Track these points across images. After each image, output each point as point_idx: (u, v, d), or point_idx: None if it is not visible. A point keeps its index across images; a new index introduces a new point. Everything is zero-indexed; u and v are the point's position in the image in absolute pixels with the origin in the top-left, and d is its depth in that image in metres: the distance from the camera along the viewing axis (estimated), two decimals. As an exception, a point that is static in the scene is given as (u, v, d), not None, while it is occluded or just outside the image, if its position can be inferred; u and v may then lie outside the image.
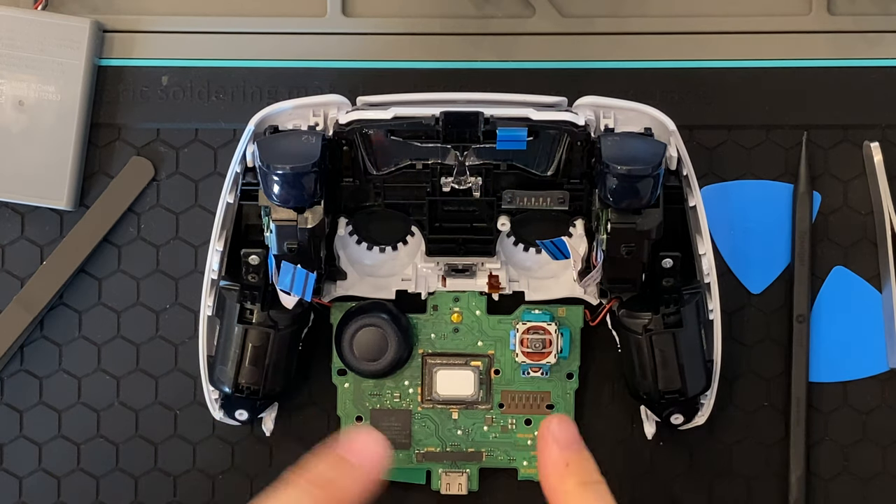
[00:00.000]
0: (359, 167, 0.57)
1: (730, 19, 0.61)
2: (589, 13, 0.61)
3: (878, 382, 0.61)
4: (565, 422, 0.54)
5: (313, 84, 0.61)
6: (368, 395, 0.60)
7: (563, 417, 0.55)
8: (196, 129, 0.61)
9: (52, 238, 0.61)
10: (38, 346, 0.61)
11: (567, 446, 0.53)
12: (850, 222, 0.61)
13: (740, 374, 0.61)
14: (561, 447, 0.53)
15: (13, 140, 0.59)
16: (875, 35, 0.61)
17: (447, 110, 0.53)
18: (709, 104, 0.61)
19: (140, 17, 0.61)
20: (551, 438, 0.53)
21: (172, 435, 0.61)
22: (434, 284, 0.59)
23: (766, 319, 0.61)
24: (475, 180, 0.56)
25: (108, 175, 0.61)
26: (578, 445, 0.54)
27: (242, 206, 0.58)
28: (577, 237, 0.59)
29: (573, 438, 0.54)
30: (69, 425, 0.61)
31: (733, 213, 0.60)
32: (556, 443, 0.53)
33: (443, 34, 0.61)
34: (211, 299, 0.57)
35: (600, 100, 0.56)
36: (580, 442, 0.54)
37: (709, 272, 0.57)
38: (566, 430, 0.54)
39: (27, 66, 0.59)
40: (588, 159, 0.56)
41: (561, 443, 0.53)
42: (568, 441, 0.54)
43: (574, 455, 0.53)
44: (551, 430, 0.53)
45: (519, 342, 0.58)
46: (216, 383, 0.58)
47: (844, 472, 0.61)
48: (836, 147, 0.61)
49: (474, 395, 0.60)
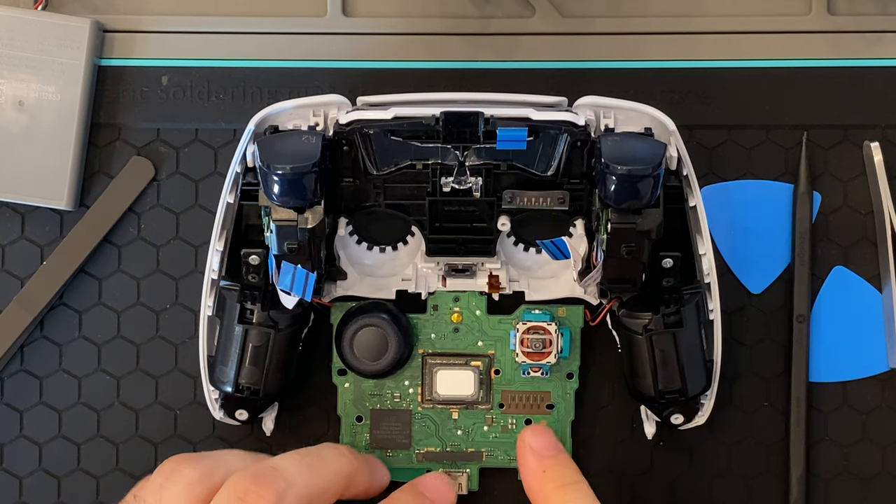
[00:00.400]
0: (359, 167, 0.57)
1: (729, 19, 0.61)
2: (589, 13, 0.61)
3: (878, 382, 0.61)
4: (539, 431, 0.57)
5: (313, 84, 0.61)
6: (368, 395, 0.60)
7: (537, 427, 0.57)
8: (196, 129, 0.61)
9: (52, 238, 0.61)
10: (38, 346, 0.61)
11: (543, 454, 0.55)
12: (850, 222, 0.61)
13: (740, 374, 0.61)
14: (537, 456, 0.56)
15: (13, 140, 0.59)
16: (875, 35, 0.61)
17: (447, 110, 0.53)
18: (709, 104, 0.61)
19: (140, 17, 0.61)
20: (527, 449, 0.56)
21: (172, 435, 0.61)
22: (434, 284, 0.59)
23: (766, 319, 0.61)
24: (475, 180, 0.56)
25: (108, 175, 0.61)
26: (554, 451, 0.56)
27: (242, 206, 0.58)
28: (577, 237, 0.59)
29: (548, 445, 0.56)
30: (69, 425, 0.61)
31: (733, 213, 0.60)
32: (532, 452, 0.56)
33: (443, 34, 0.61)
34: (211, 299, 0.57)
35: (600, 100, 0.56)
36: (557, 447, 0.56)
37: (709, 272, 0.57)
38: (541, 438, 0.56)
39: (27, 66, 0.59)
40: (588, 159, 0.56)
41: (537, 451, 0.56)
42: (544, 448, 0.56)
43: (550, 461, 0.56)
44: (526, 441, 0.56)
45: (519, 342, 0.58)
46: (216, 383, 0.58)
47: (844, 472, 0.61)
48: (836, 147, 0.61)
49: (474, 395, 0.60)
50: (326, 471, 0.54)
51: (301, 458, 0.54)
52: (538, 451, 0.56)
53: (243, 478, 0.51)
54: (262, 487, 0.51)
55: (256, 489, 0.51)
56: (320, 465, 0.54)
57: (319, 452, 0.55)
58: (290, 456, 0.54)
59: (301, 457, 0.54)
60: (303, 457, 0.54)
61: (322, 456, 0.55)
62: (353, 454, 0.56)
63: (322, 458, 0.54)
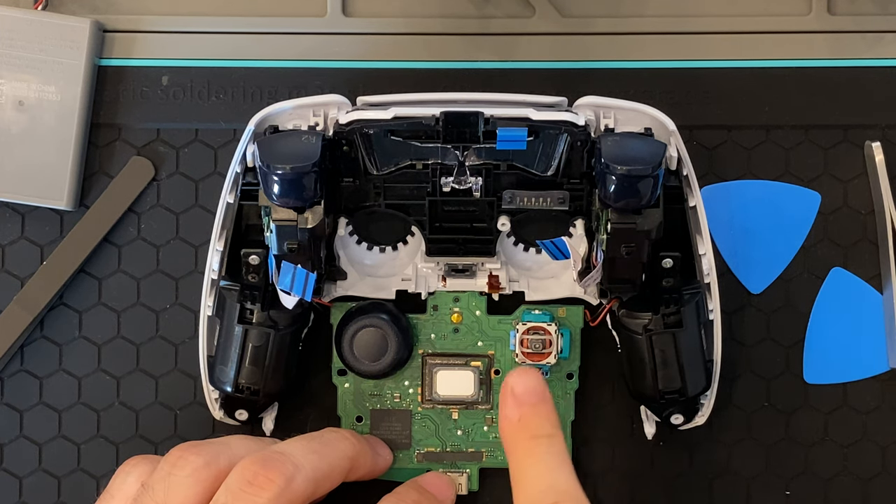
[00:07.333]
0: (359, 167, 0.57)
1: (730, 19, 0.61)
2: (589, 13, 0.61)
3: (878, 382, 0.61)
4: (525, 375, 0.54)
5: (313, 84, 0.61)
6: (368, 395, 0.60)
7: (525, 371, 0.54)
8: (196, 129, 0.61)
9: (52, 238, 0.61)
10: (38, 346, 0.61)
11: (523, 401, 0.53)
12: (850, 222, 0.61)
13: (740, 374, 0.61)
14: (517, 402, 0.53)
15: (13, 140, 0.59)
16: (875, 35, 0.61)
17: (447, 110, 0.53)
18: (709, 104, 0.61)
19: (140, 17, 0.61)
20: (508, 393, 0.54)
21: (172, 435, 0.61)
22: (434, 284, 0.59)
23: (766, 319, 0.61)
24: (475, 180, 0.56)
25: (108, 175, 0.61)
26: (537, 398, 0.54)
27: (242, 206, 0.58)
28: (577, 237, 0.59)
29: (531, 391, 0.54)
30: (69, 425, 0.61)
31: (733, 213, 0.60)
32: (513, 397, 0.54)
33: (443, 34, 0.61)
34: (211, 299, 0.57)
35: (600, 100, 0.56)
36: (540, 394, 0.54)
37: (709, 272, 0.57)
38: (524, 384, 0.54)
39: (27, 66, 0.59)
40: (588, 159, 0.56)
41: (518, 397, 0.54)
42: (525, 394, 0.54)
43: (528, 409, 0.53)
44: (510, 385, 0.54)
45: (519, 342, 0.58)
46: (216, 383, 0.58)
47: (844, 472, 0.61)
48: (836, 147, 0.61)
49: (474, 395, 0.60)
50: (331, 454, 0.55)
51: (307, 442, 0.54)
52: (519, 396, 0.54)
53: (252, 462, 0.52)
54: (270, 471, 0.52)
55: (265, 473, 0.52)
56: (325, 449, 0.55)
57: (324, 437, 0.56)
58: (296, 441, 0.55)
59: (307, 441, 0.55)
60: (308, 441, 0.55)
61: (327, 440, 0.55)
62: (356, 437, 0.57)
63: (327, 443, 0.55)
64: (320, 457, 0.54)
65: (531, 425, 0.53)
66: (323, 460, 0.54)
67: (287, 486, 0.52)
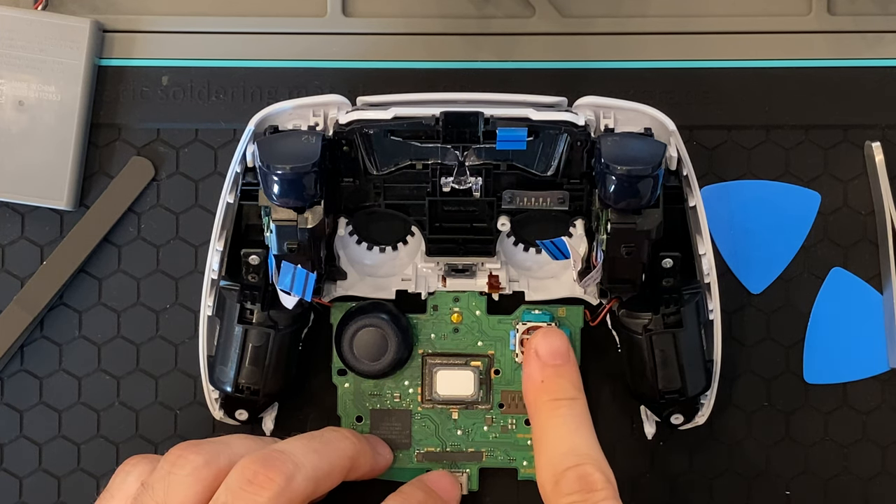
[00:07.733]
0: (359, 167, 0.57)
1: (730, 19, 0.61)
2: (589, 13, 0.61)
3: (878, 382, 0.61)
4: (549, 335, 0.54)
5: (313, 84, 0.61)
6: (368, 395, 0.60)
7: (549, 331, 0.55)
8: (196, 129, 0.61)
9: (52, 238, 0.61)
10: (38, 346, 0.61)
11: (547, 362, 0.53)
12: (850, 222, 0.61)
13: (740, 374, 0.61)
14: (540, 364, 0.54)
15: (13, 140, 0.59)
16: (875, 35, 0.61)
17: (447, 110, 0.53)
18: (709, 104, 0.61)
19: (140, 17, 0.61)
20: (532, 354, 0.54)
21: (172, 435, 0.61)
22: (434, 284, 0.59)
23: (766, 319, 0.61)
24: (475, 180, 0.56)
25: (108, 175, 0.61)
26: (562, 360, 0.54)
27: (242, 206, 0.58)
28: (577, 237, 0.59)
29: (556, 353, 0.54)
30: (69, 425, 0.61)
31: (733, 213, 0.60)
32: (536, 358, 0.54)
33: (443, 34, 0.61)
34: (211, 299, 0.57)
35: (600, 100, 0.56)
36: (565, 356, 0.54)
37: (709, 272, 0.57)
38: (549, 345, 0.54)
39: (27, 66, 0.59)
40: (588, 159, 0.56)
41: (542, 357, 0.54)
42: (549, 356, 0.54)
43: (551, 371, 0.53)
44: (534, 345, 0.54)
45: (519, 342, 0.58)
46: (216, 383, 0.58)
47: (844, 472, 0.61)
48: (836, 147, 0.61)
49: (474, 395, 0.60)
50: (332, 453, 0.55)
51: (307, 441, 0.55)
52: (543, 357, 0.54)
53: (252, 461, 0.52)
54: (270, 470, 0.52)
55: (266, 472, 0.52)
56: (326, 448, 0.55)
57: (324, 436, 0.56)
58: (297, 440, 0.55)
59: (307, 440, 0.55)
60: (308, 440, 0.55)
61: (327, 439, 0.55)
62: (356, 437, 0.57)
63: (327, 442, 0.55)
64: (320, 456, 0.54)
65: (554, 387, 0.53)
66: (323, 459, 0.54)
67: (287, 484, 0.52)
